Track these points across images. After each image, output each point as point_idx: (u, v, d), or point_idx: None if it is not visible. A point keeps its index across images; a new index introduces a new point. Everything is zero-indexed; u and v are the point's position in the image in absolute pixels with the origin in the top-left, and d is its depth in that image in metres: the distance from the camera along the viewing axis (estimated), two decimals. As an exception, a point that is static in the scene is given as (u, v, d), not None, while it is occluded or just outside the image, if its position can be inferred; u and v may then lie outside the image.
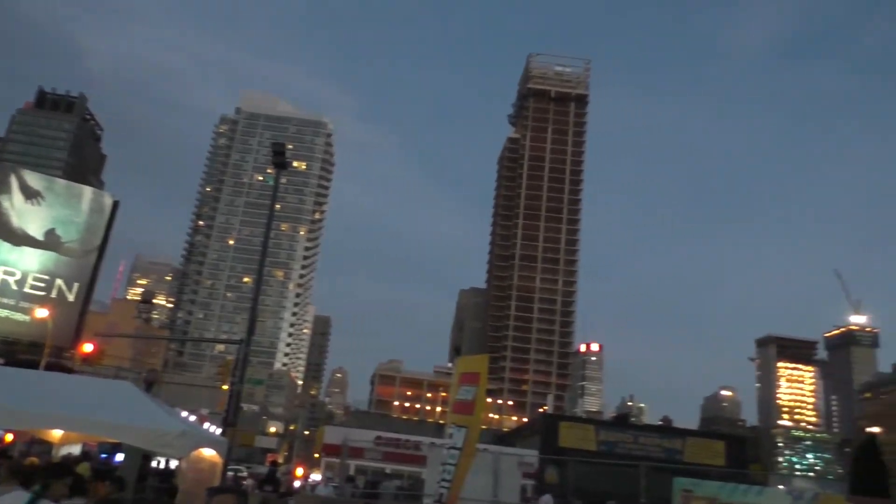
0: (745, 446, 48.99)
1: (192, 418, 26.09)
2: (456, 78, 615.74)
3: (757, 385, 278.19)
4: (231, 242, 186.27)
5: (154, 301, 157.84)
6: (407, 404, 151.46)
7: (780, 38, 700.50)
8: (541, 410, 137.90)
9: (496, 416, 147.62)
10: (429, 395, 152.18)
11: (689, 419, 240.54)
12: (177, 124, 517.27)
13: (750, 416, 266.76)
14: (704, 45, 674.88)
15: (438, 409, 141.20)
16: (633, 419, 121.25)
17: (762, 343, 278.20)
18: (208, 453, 11.56)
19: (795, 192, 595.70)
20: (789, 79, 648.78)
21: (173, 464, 19.23)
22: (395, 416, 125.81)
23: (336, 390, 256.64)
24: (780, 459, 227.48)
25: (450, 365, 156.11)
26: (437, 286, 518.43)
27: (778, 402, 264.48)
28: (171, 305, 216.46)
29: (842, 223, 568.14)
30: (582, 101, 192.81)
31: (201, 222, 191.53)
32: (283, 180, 30.53)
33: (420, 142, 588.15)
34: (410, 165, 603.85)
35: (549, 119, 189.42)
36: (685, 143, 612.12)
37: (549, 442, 35.60)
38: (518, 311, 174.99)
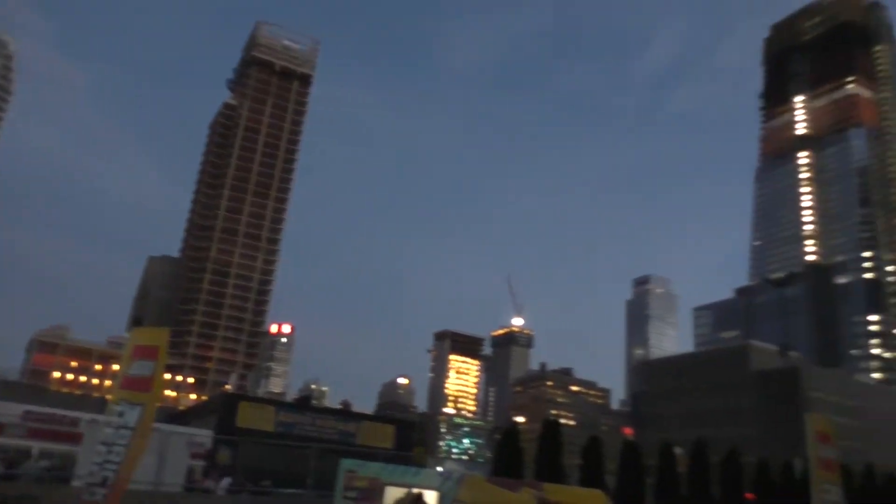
0: (412, 431, 52.89)
1: None
2: (176, 27, 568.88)
3: (430, 374, 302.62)
4: None
5: None
6: (71, 376, 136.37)
7: (493, 63, 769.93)
8: (223, 389, 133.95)
9: (174, 394, 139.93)
10: (98, 367, 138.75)
11: (368, 404, 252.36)
12: None
13: (422, 403, 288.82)
14: (425, 55, 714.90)
15: (109, 382, 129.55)
16: (314, 402, 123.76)
17: (440, 336, 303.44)
18: None
19: (488, 204, 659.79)
20: (496, 102, 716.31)
21: None
22: (53, 388, 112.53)
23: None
24: (442, 444, 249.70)
25: (126, 336, 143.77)
26: (124, 249, 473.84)
27: (446, 391, 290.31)
28: None
29: (522, 237, 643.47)
30: (306, 80, 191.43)
31: None
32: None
33: (126, 90, 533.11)
34: (110, 114, 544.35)
35: (270, 92, 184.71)
36: (400, 140, 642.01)
37: (227, 422, 34.80)
38: (212, 285, 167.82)
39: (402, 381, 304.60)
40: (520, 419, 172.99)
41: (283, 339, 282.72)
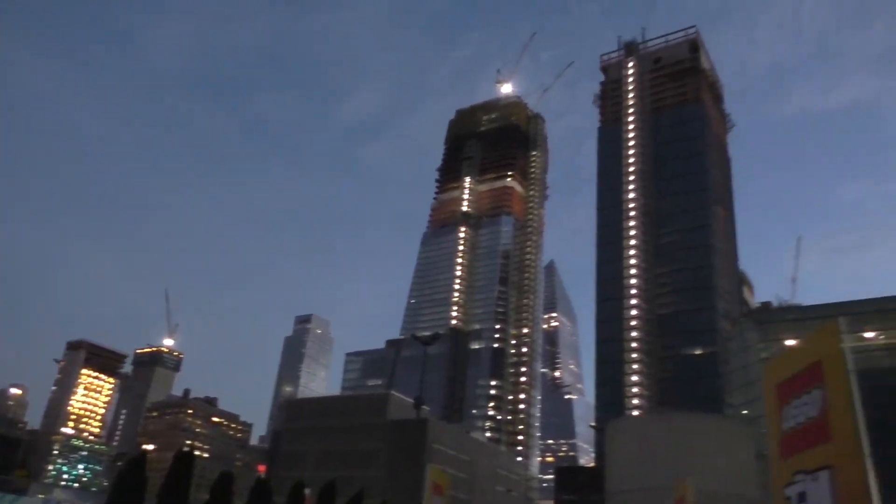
0: (15, 450, 46.31)
1: None
2: None
3: (53, 388, 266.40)
4: None
5: None
6: None
7: (196, 70, 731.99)
8: None
9: None
10: None
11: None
12: None
13: (35, 419, 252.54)
14: (124, 49, 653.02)
15: None
16: None
17: (73, 346, 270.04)
18: None
19: (156, 215, 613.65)
20: (190, 110, 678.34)
21: None
22: None
23: None
24: (51, 467, 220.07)
25: None
26: None
27: (69, 408, 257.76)
28: None
29: (191, 255, 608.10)
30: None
31: None
32: None
33: None
34: None
35: None
36: (67, 131, 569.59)
37: None
38: None
39: (14, 391, 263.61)
40: (150, 447, 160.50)
41: None
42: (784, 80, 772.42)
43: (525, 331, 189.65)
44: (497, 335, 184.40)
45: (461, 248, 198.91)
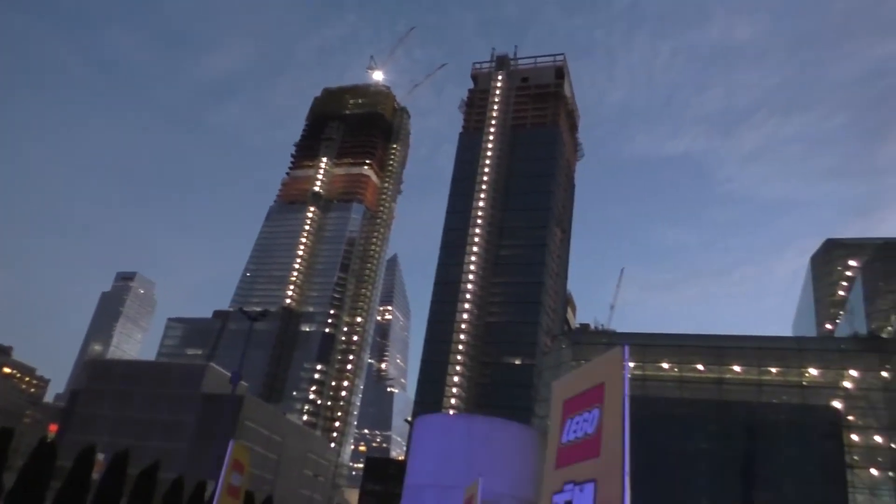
0: None
1: None
2: None
3: None
4: None
5: None
6: None
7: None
8: None
9: None
10: None
11: None
12: None
13: None
14: None
15: None
16: None
17: None
18: None
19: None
20: None
21: None
22: None
23: None
24: None
25: None
26: None
27: None
28: None
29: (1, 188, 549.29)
30: None
31: None
32: None
33: None
34: None
35: None
36: None
37: None
38: None
39: None
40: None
41: None
42: (631, 122, 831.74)
43: (359, 320, 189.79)
44: (330, 321, 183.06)
45: (307, 228, 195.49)
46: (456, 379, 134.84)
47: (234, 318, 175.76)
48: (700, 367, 50.61)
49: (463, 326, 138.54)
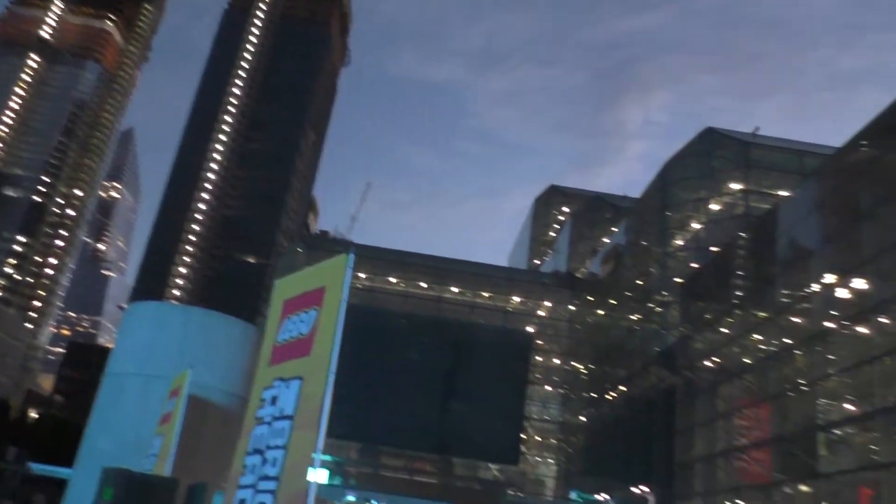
0: None
1: None
2: None
3: None
4: None
5: None
6: None
7: None
8: None
9: None
10: None
11: None
12: None
13: None
14: None
15: None
16: None
17: None
18: None
19: None
20: None
21: None
22: None
23: None
24: None
25: None
26: None
27: None
28: None
29: None
30: None
31: None
32: None
33: None
34: None
35: None
36: None
37: None
38: None
39: None
40: None
41: None
42: (400, 39, 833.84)
43: (78, 192, 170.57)
44: (42, 188, 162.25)
45: (26, 77, 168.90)
46: (183, 270, 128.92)
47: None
48: (423, 284, 54.12)
49: (198, 216, 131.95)
